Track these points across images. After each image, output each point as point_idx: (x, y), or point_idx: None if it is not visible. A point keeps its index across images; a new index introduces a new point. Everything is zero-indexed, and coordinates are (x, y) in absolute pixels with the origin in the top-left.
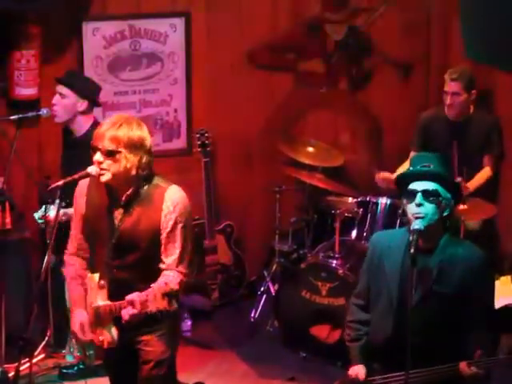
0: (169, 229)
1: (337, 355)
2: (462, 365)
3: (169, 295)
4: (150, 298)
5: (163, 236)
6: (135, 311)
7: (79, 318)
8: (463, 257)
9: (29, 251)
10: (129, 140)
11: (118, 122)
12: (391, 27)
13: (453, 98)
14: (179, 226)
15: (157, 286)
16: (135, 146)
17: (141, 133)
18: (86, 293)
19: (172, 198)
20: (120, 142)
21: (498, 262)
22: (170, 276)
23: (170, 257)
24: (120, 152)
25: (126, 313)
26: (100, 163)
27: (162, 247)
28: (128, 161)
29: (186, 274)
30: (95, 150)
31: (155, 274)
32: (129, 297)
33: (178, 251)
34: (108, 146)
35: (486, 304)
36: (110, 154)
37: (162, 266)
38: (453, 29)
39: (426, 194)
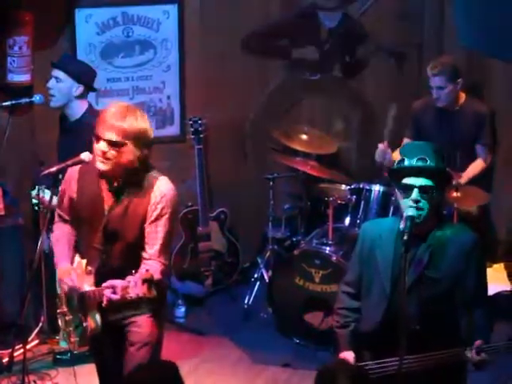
0: (153, 218)
1: (330, 341)
2: (470, 351)
3: (149, 281)
4: (131, 284)
5: (146, 225)
6: (117, 297)
7: (64, 267)
8: (453, 239)
9: (22, 237)
10: (135, 133)
11: (124, 113)
12: (385, 15)
13: (438, 91)
14: (164, 217)
15: (138, 273)
16: (140, 138)
17: (145, 125)
18: (71, 251)
19: (160, 189)
20: (127, 134)
21: (491, 250)
22: (152, 266)
23: (152, 246)
24: (126, 144)
25: (107, 298)
26: (104, 153)
27: (146, 236)
28: (132, 153)
29: (167, 265)
30: (99, 138)
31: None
32: (110, 281)
33: (159, 242)
34: (114, 137)
35: (479, 284)
36: (116, 145)
37: (144, 254)
38: (446, 17)
39: (423, 189)
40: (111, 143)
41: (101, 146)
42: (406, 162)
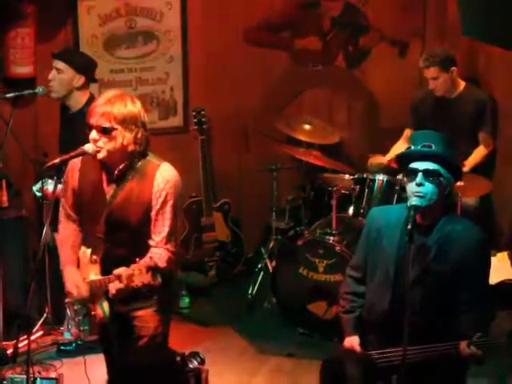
0: (158, 206)
1: (334, 331)
2: (463, 344)
3: (153, 269)
4: (136, 272)
5: (153, 213)
6: (122, 285)
7: (71, 275)
8: (462, 235)
9: (25, 229)
10: (124, 116)
11: (112, 99)
12: (387, 4)
13: (433, 82)
14: (169, 203)
15: (142, 261)
16: (130, 122)
17: (135, 108)
18: (76, 254)
19: (163, 175)
20: (115, 118)
21: (494, 239)
22: (158, 254)
23: (159, 234)
24: (116, 129)
25: (113, 287)
26: (96, 141)
27: (152, 224)
28: (124, 137)
29: (175, 252)
30: (91, 127)
31: (147, 249)
32: (116, 271)
33: (166, 229)
34: (103, 123)
35: (481, 284)
36: (106, 132)
37: (150, 242)
38: (449, 6)
39: (427, 173)
40: (101, 130)
41: (92, 135)
42: (412, 148)
